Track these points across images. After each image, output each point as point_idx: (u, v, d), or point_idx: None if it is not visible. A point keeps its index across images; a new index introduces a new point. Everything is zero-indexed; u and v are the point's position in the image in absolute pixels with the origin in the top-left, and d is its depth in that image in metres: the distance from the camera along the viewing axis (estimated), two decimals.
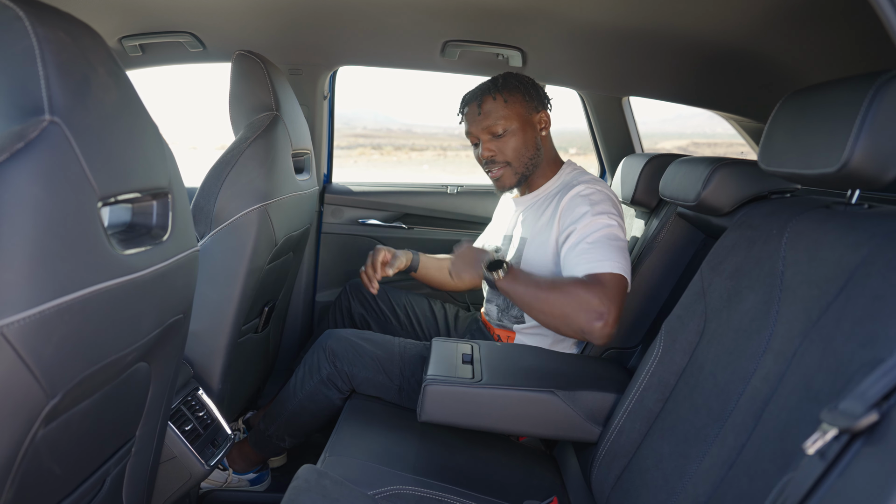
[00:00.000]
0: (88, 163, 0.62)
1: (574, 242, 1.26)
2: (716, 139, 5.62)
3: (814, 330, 0.71)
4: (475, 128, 1.43)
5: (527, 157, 1.43)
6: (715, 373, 0.89)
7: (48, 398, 0.60)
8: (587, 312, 1.13)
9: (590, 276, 1.19)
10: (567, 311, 1.15)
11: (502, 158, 1.42)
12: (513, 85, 1.41)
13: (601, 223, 1.26)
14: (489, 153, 1.42)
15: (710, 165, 1.11)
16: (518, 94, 1.41)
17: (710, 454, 0.82)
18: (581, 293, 1.15)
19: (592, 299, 1.14)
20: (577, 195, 1.33)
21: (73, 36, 0.65)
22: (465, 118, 1.45)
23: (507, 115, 1.39)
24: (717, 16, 1.27)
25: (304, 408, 1.45)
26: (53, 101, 0.59)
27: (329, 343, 1.44)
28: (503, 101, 1.39)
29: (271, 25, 1.67)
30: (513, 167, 1.43)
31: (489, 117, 1.40)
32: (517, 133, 1.40)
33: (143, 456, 0.98)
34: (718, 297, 0.94)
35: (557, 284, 1.20)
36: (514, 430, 1.15)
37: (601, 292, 1.15)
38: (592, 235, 1.24)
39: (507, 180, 1.45)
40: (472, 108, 1.43)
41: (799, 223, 0.84)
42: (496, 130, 1.40)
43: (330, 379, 1.41)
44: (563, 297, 1.16)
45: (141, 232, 0.78)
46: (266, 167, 1.32)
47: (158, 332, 0.83)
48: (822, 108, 0.74)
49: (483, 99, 1.41)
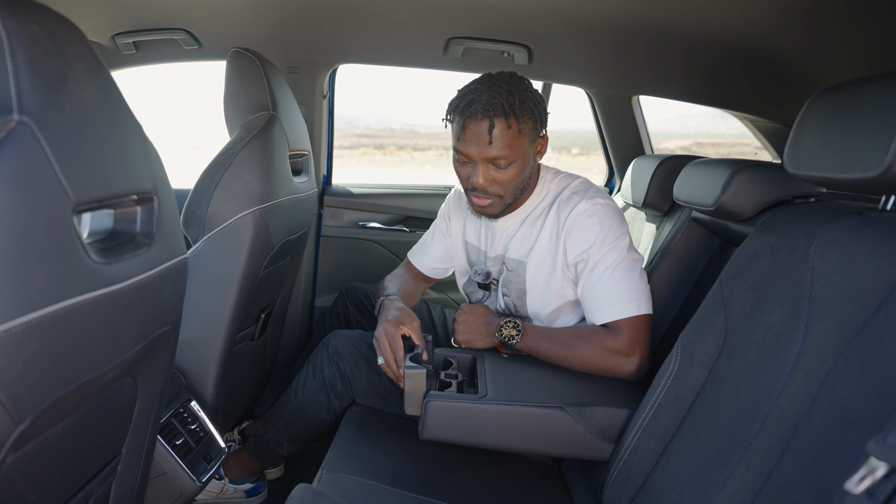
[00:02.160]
0: (62, 167, 0.57)
1: (592, 279, 1.20)
2: (719, 139, 5.57)
3: (850, 349, 0.66)
4: (477, 152, 1.20)
5: (519, 189, 1.28)
6: (737, 390, 0.83)
7: (15, 424, 0.55)
8: (617, 359, 1.16)
9: (614, 322, 1.18)
10: (596, 362, 1.17)
11: (496, 191, 1.25)
12: (527, 107, 1.21)
13: (617, 255, 1.19)
14: (485, 182, 1.23)
15: (729, 168, 1.06)
16: (530, 121, 1.21)
17: (734, 479, 0.76)
18: (608, 341, 1.16)
19: (621, 346, 1.16)
20: (583, 216, 1.23)
21: (47, 30, 0.60)
22: (464, 133, 1.21)
23: (515, 147, 1.20)
24: (732, 11, 1.22)
25: (304, 410, 1.40)
26: (23, 100, 0.54)
27: (332, 342, 1.40)
28: (517, 130, 1.19)
29: (269, 22, 1.62)
30: (503, 199, 1.27)
31: (497, 147, 1.19)
32: (517, 166, 1.23)
33: (129, 473, 0.93)
34: (740, 309, 0.89)
35: (580, 335, 1.19)
36: (520, 448, 1.09)
37: (628, 337, 1.16)
38: (611, 270, 1.18)
39: (492, 210, 1.29)
40: (480, 128, 1.19)
41: (829, 231, 0.78)
42: (500, 163, 1.21)
43: (330, 381, 1.37)
44: (589, 349, 1.17)
45: (123, 240, 0.73)
46: (262, 169, 1.27)
47: (143, 346, 0.78)
48: (859, 106, 0.68)
49: (496, 122, 1.18)
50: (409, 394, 1.08)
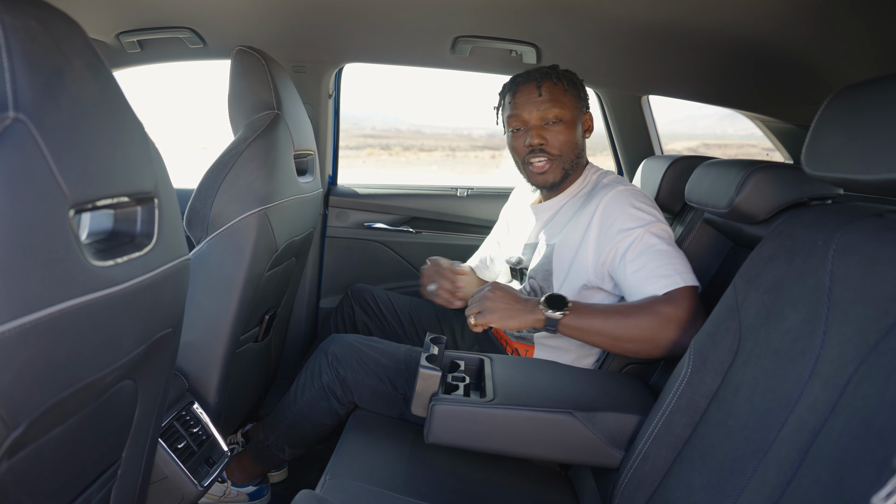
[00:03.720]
0: (59, 165, 0.56)
1: (640, 254, 1.17)
2: (726, 140, 5.56)
3: (872, 356, 0.63)
4: (529, 110, 1.30)
5: (574, 154, 1.33)
6: (752, 398, 0.81)
7: (9, 430, 0.53)
8: (677, 327, 1.08)
9: (672, 291, 1.12)
10: (656, 332, 1.09)
11: (552, 150, 1.31)
12: (570, 78, 1.32)
13: (663, 232, 1.19)
14: (540, 140, 1.30)
15: (744, 169, 1.03)
16: (574, 89, 1.32)
17: (749, 490, 0.74)
18: (667, 309, 1.09)
19: (682, 314, 1.09)
20: (618, 197, 1.24)
21: (45, 25, 0.59)
22: (516, 99, 1.32)
23: (567, 104, 1.30)
24: (743, 8, 1.20)
25: (304, 416, 1.38)
26: (19, 97, 0.53)
27: (332, 348, 1.38)
28: (563, 88, 1.30)
29: (274, 21, 1.61)
30: (561, 161, 1.32)
31: (548, 101, 1.28)
32: (571, 127, 1.31)
33: (130, 478, 0.92)
34: (755, 314, 0.86)
35: (636, 304, 1.13)
36: (528, 453, 1.07)
37: (689, 304, 1.10)
38: (659, 246, 1.16)
39: (551, 174, 1.33)
40: (529, 89, 1.30)
41: (847, 234, 0.76)
42: (553, 116, 1.29)
43: (330, 387, 1.35)
44: (648, 318, 1.09)
45: (123, 241, 0.71)
46: (266, 169, 1.25)
47: (143, 349, 0.77)
48: (883, 105, 0.66)
49: (543, 81, 1.29)
50: (419, 393, 1.06)
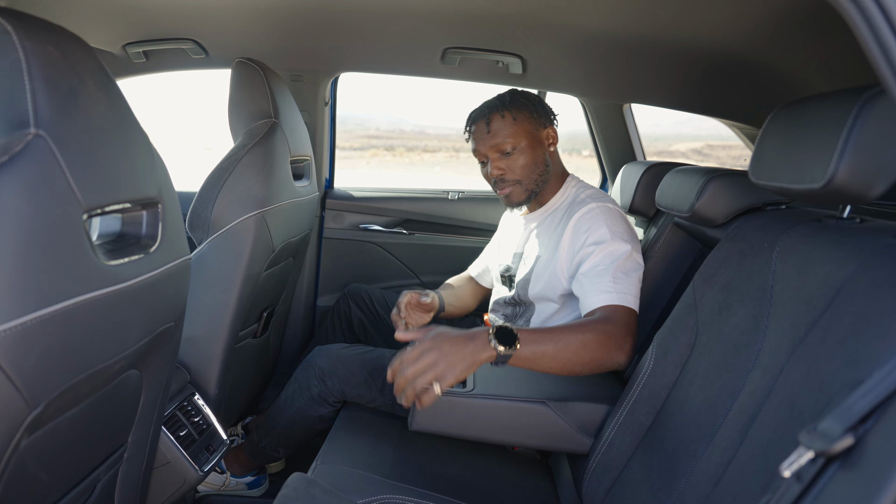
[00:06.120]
0: (74, 175, 0.62)
1: (592, 265, 1.23)
2: (731, 141, 5.43)
3: (800, 347, 0.71)
4: (483, 146, 1.40)
5: (536, 174, 1.41)
6: (705, 387, 0.88)
7: (30, 408, 0.60)
8: (611, 347, 1.09)
9: (608, 307, 1.17)
10: (598, 350, 1.08)
11: (512, 177, 1.40)
12: (520, 102, 1.40)
13: (622, 250, 1.23)
14: (499, 171, 1.40)
15: (704, 176, 1.10)
16: (525, 111, 1.39)
17: (698, 470, 0.81)
18: (606, 325, 1.11)
19: (616, 331, 1.11)
20: (592, 213, 1.31)
21: (61, 49, 0.65)
22: (473, 136, 1.43)
23: (516, 133, 1.37)
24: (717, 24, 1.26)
25: (296, 423, 1.45)
26: (39, 115, 0.59)
27: (318, 361, 1.43)
28: (511, 118, 1.38)
29: (273, 33, 1.68)
30: (523, 185, 1.41)
31: (498, 135, 1.37)
32: (526, 151, 1.38)
33: (135, 461, 0.98)
34: (710, 310, 0.93)
35: (579, 322, 1.13)
36: (505, 440, 1.14)
37: (623, 324, 1.13)
38: (614, 264, 1.21)
39: (516, 197, 1.42)
40: (480, 126, 1.41)
41: (790, 237, 0.83)
42: (505, 148, 1.38)
43: (321, 396, 1.41)
44: (591, 336, 1.08)
45: (130, 242, 0.79)
46: (264, 174, 1.32)
47: (148, 341, 0.84)
48: (810, 121, 0.73)
49: (491, 117, 1.39)
50: None
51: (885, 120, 0.63)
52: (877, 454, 0.47)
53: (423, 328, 1.02)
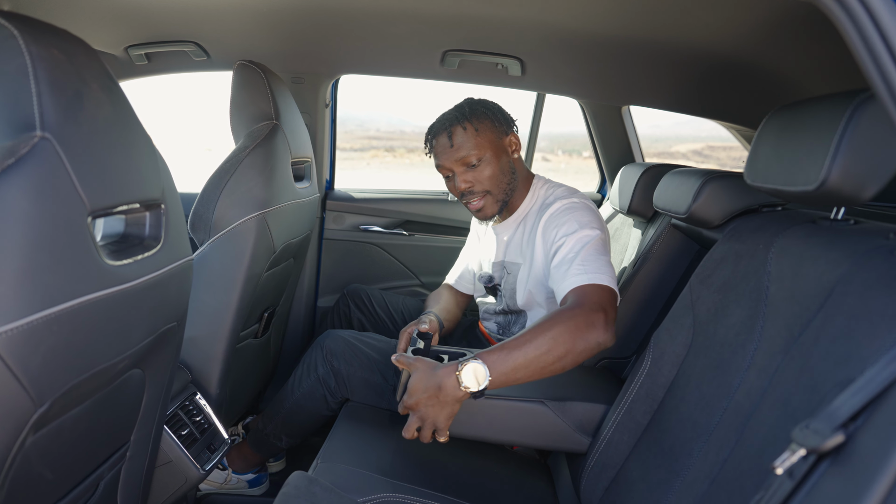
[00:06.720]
0: (79, 177, 0.63)
1: (562, 256, 1.22)
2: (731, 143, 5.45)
3: (794, 346, 0.72)
4: (447, 160, 1.36)
5: (504, 182, 1.39)
6: (701, 386, 0.89)
7: (36, 406, 0.61)
8: (580, 328, 1.03)
9: (576, 289, 1.13)
10: (565, 340, 1.02)
11: (481, 188, 1.37)
12: (480, 112, 1.37)
13: (587, 236, 1.23)
14: (467, 184, 1.36)
15: (700, 178, 1.12)
16: (487, 121, 1.36)
17: (694, 468, 0.82)
18: (575, 309, 1.06)
19: (589, 306, 1.06)
20: (559, 210, 1.31)
21: (67, 53, 0.66)
22: (435, 151, 1.39)
23: (479, 144, 1.34)
24: (715, 28, 1.27)
25: (301, 406, 1.47)
26: (45, 118, 0.60)
27: (327, 342, 1.46)
28: (474, 129, 1.34)
29: (274, 35, 1.69)
30: (493, 195, 1.38)
31: (462, 148, 1.34)
32: (491, 161, 1.35)
33: (137, 460, 0.99)
34: (706, 311, 0.94)
35: (540, 325, 1.05)
36: (503, 439, 1.15)
37: (596, 298, 1.08)
38: (582, 249, 1.20)
39: (489, 209, 1.40)
40: (442, 140, 1.36)
41: (784, 238, 0.84)
42: (470, 161, 1.34)
43: (324, 379, 1.43)
44: (557, 328, 1.03)
45: (133, 243, 0.80)
46: (265, 176, 1.34)
47: (151, 340, 0.85)
48: (804, 124, 0.74)
49: (452, 130, 1.34)
50: (404, 384, 1.13)
51: (877, 123, 0.64)
52: (867, 451, 0.48)
53: (410, 362, 1.09)
